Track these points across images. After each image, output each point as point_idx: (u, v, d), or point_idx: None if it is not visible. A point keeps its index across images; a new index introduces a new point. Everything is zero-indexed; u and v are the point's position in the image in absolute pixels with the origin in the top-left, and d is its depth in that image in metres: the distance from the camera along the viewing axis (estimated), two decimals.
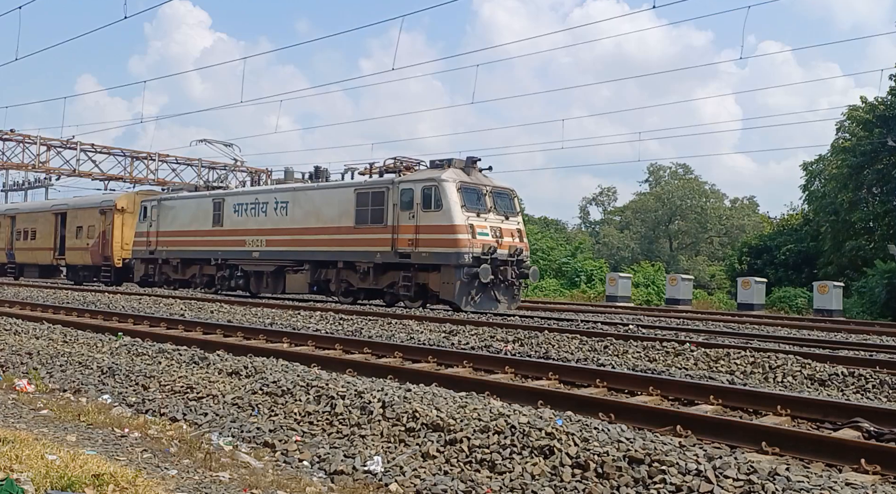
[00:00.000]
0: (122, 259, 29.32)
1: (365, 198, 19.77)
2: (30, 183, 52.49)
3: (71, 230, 32.33)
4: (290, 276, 21.87)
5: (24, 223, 36.01)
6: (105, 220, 30.24)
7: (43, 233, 34.33)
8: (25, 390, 6.77)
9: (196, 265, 25.05)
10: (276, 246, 22.01)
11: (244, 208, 23.30)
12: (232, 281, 23.57)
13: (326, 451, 4.82)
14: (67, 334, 10.98)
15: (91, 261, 30.72)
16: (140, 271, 27.25)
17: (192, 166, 41.71)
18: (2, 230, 37.47)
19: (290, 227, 21.67)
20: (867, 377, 8.16)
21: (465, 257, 17.46)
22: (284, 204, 22.02)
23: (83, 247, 31.25)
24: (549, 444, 4.58)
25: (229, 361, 8.03)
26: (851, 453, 4.97)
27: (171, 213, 26.04)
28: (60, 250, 33.26)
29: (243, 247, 22.98)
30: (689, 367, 9.08)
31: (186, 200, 25.87)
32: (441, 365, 9.04)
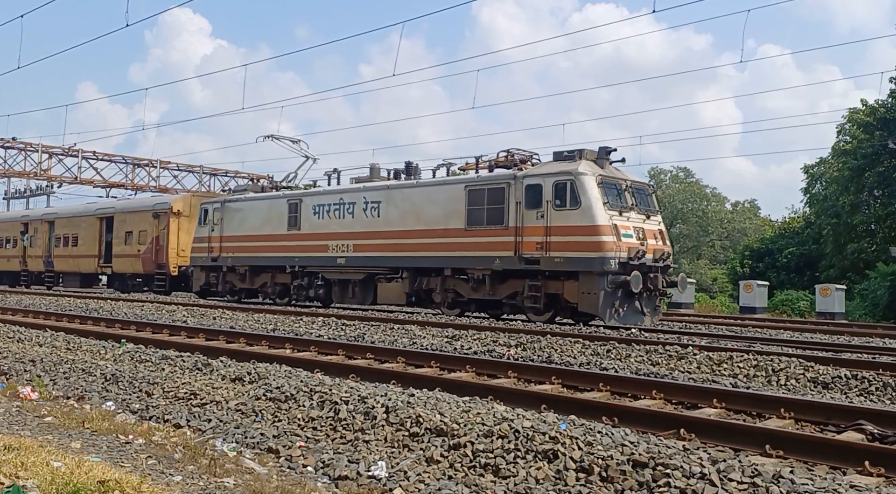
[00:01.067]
0: (178, 266, 26.94)
1: (479, 195, 17.12)
2: (31, 191, 52.63)
3: (118, 235, 29.78)
4: (382, 285, 19.24)
5: (63, 228, 33.23)
6: (158, 224, 27.84)
7: (86, 238, 31.72)
8: (29, 397, 6.78)
9: (267, 273, 22.54)
10: (366, 251, 19.49)
11: (326, 209, 20.70)
12: (311, 291, 21.13)
13: (330, 457, 4.83)
14: (70, 341, 11.00)
15: (142, 270, 28.31)
16: (200, 280, 24.70)
17: (193, 173, 41.81)
18: (38, 236, 34.80)
19: (383, 230, 19.12)
20: (870, 379, 8.15)
21: (611, 263, 14.93)
22: (376, 204, 19.40)
23: (133, 254, 28.82)
24: (553, 448, 4.58)
25: (232, 367, 8.04)
26: (855, 455, 4.97)
27: (237, 216, 23.40)
28: (106, 257, 30.70)
29: (325, 253, 20.46)
30: (692, 371, 9.07)
31: (256, 202, 23.18)
32: (444, 369, 9.04)
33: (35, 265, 34.84)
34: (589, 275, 15.19)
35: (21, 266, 35.57)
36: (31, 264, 35.05)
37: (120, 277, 30.13)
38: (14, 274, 36.39)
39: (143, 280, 28.96)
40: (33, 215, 36.34)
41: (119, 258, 29.75)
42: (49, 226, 34.17)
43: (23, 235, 35.50)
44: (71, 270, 32.98)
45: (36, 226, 34.93)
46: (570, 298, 15.62)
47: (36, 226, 34.97)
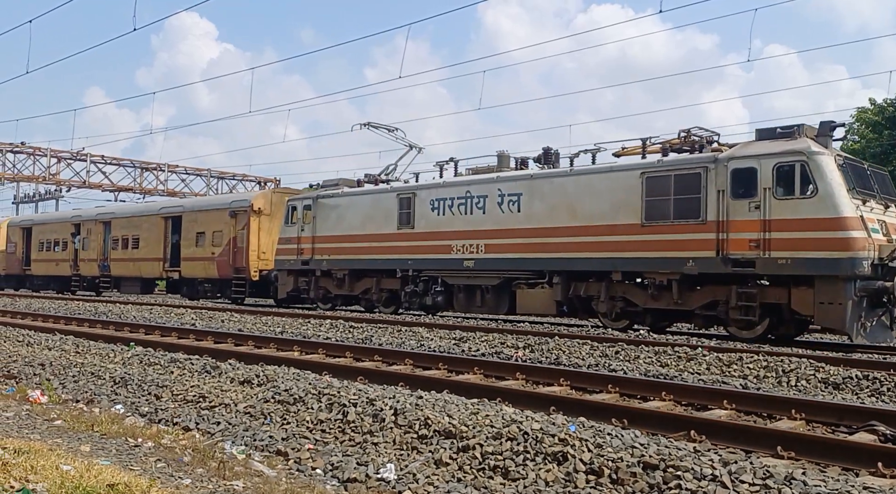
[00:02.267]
0: (259, 270, 24.09)
1: (662, 184, 14.11)
2: (40, 195, 53.00)
3: (188, 236, 26.81)
4: (523, 292, 16.35)
5: (122, 229, 30.24)
6: (236, 224, 24.94)
7: (148, 240, 28.78)
8: (39, 401, 6.80)
9: (370, 277, 19.79)
10: (502, 251, 16.65)
11: (448, 204, 17.85)
12: (426, 298, 18.38)
13: (339, 459, 4.82)
14: (80, 345, 11.03)
15: (217, 274, 25.47)
16: (287, 285, 21.92)
17: (201, 177, 41.97)
18: (92, 238, 31.81)
19: (524, 227, 16.26)
20: (882, 380, 8.09)
21: (863, 265, 11.93)
22: (515, 197, 16.52)
23: (206, 257, 25.86)
24: (563, 450, 4.56)
25: (241, 370, 8.05)
26: (868, 457, 4.93)
27: (333, 214, 20.67)
28: (172, 260, 27.91)
29: (448, 255, 17.67)
30: (701, 372, 9.03)
31: (357, 197, 20.44)
32: (452, 371, 9.02)
33: (88, 269, 31.95)
34: (830, 281, 12.12)
35: (72, 270, 32.72)
36: (84, 268, 32.17)
37: (189, 282, 27.25)
38: (63, 279, 33.79)
39: (217, 285, 26.16)
40: (86, 215, 33.23)
41: (189, 261, 26.82)
42: (105, 226, 31.36)
43: (74, 237, 32.76)
44: (131, 275, 29.93)
45: (89, 227, 32.04)
46: (800, 309, 12.62)
47: (89, 226, 32.08)
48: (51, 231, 34.75)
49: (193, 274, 26.70)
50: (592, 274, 15.34)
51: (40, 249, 34.99)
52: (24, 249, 36.35)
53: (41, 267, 34.96)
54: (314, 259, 20.96)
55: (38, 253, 35.13)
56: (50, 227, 35.05)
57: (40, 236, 35.12)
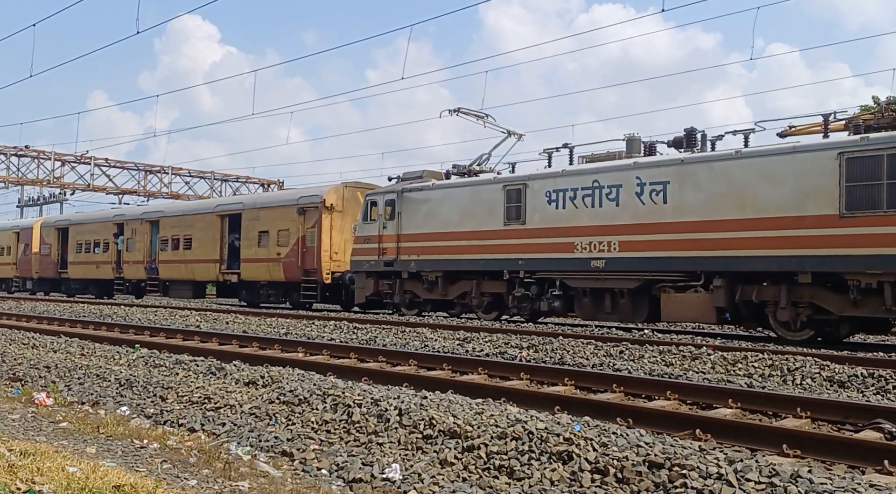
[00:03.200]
0: (331, 272, 21.88)
1: (870, 166, 11.81)
2: (44, 198, 53.17)
3: (249, 236, 24.42)
4: (670, 297, 13.98)
5: (171, 229, 27.96)
6: (305, 222, 22.62)
7: (202, 240, 26.38)
8: (44, 403, 6.82)
9: (468, 280, 17.54)
10: (643, 249, 14.32)
11: (570, 196, 15.50)
12: (540, 303, 16.04)
13: (344, 459, 4.82)
14: (85, 347, 11.06)
15: (283, 277, 23.06)
16: (366, 289, 19.67)
17: (205, 179, 42.03)
18: (138, 238, 29.53)
19: (674, 221, 13.92)
20: (887, 378, 8.06)
21: None
22: (659, 186, 14.16)
23: (271, 259, 23.45)
24: (568, 450, 4.56)
25: (246, 371, 8.06)
26: (874, 454, 4.92)
27: (423, 209, 18.45)
28: (230, 262, 25.53)
29: (570, 254, 15.35)
30: (706, 371, 9.01)
31: (452, 190, 18.07)
32: (456, 372, 9.03)
33: (133, 272, 29.69)
34: None
35: (115, 273, 30.62)
36: (129, 271, 29.93)
37: (249, 286, 24.76)
38: (105, 282, 31.85)
39: (281, 290, 23.83)
40: (130, 214, 31.13)
41: (250, 263, 24.29)
42: (151, 226, 29.09)
43: (116, 238, 30.65)
44: (182, 278, 27.45)
45: (134, 227, 29.75)
46: None
47: (134, 226, 29.79)
48: (90, 231, 32.59)
49: (256, 276, 24.18)
50: (767, 276, 13.03)
51: (78, 251, 32.96)
52: (59, 251, 34.31)
53: (79, 270, 32.93)
54: (400, 259, 18.66)
55: (76, 254, 33.10)
56: (89, 228, 32.80)
57: (78, 237, 33.08)
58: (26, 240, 36.51)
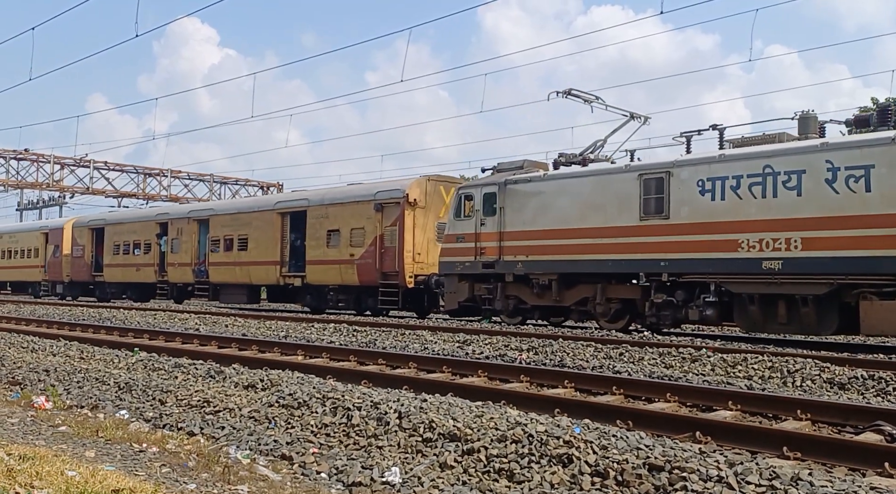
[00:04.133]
0: (414, 275, 19.60)
1: None
2: (44, 201, 53.19)
3: (316, 235, 22.11)
4: (874, 305, 11.71)
5: (224, 228, 25.50)
6: (383, 219, 20.35)
7: (260, 240, 23.97)
8: (43, 407, 6.81)
9: (590, 284, 15.28)
10: (836, 248, 12.05)
11: (730, 185, 13.31)
12: (689, 311, 13.84)
13: (344, 463, 4.82)
14: (84, 350, 11.05)
15: (358, 280, 20.73)
16: (458, 293, 17.35)
17: (204, 182, 42.04)
18: (184, 239, 27.23)
19: (883, 214, 11.63)
20: (887, 380, 8.06)
21: None
22: (860, 170, 11.87)
23: (342, 260, 21.15)
24: (568, 452, 4.55)
25: (245, 374, 8.05)
26: (875, 457, 4.91)
27: (532, 203, 16.13)
28: (293, 264, 23.34)
29: (733, 253, 13.14)
30: (706, 373, 9.01)
31: (570, 181, 15.74)
32: (456, 374, 9.02)
33: (179, 275, 27.47)
34: None
35: (158, 276, 28.57)
36: (174, 274, 27.74)
37: (316, 290, 22.47)
38: (146, 286, 29.74)
39: (353, 294, 21.41)
40: (175, 213, 28.85)
41: (317, 265, 22.01)
42: (200, 225, 26.80)
43: (159, 238, 28.56)
44: (237, 281, 24.98)
45: (180, 227, 27.49)
46: None
47: (180, 226, 27.52)
48: (129, 231, 30.11)
49: (323, 280, 21.87)
50: None
51: (115, 252, 30.52)
52: (93, 253, 32.04)
53: (116, 273, 30.64)
54: (503, 261, 16.40)
55: (113, 256, 30.63)
56: (128, 227, 30.34)
57: (115, 238, 30.66)
58: (56, 242, 34.16)
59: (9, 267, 37.84)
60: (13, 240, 37.92)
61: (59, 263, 33.84)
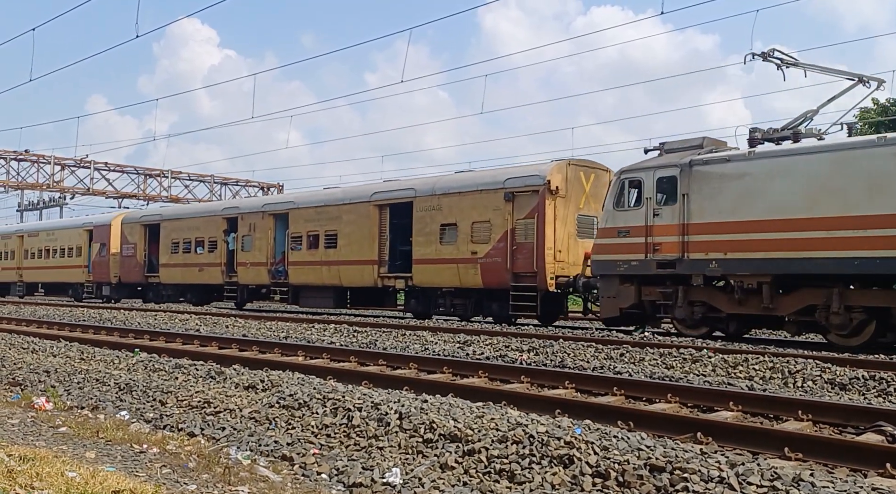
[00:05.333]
0: (556, 277, 16.67)
1: None
2: (44, 202, 53.23)
3: (426, 230, 19.11)
4: None
5: (306, 222, 22.53)
6: (515, 211, 17.33)
7: (353, 236, 20.91)
8: (44, 408, 6.80)
9: (819, 288, 12.45)
10: None
11: None
12: None
13: (345, 464, 4.81)
14: (84, 351, 11.04)
15: (482, 282, 17.76)
16: (622, 298, 14.49)
17: (204, 182, 42.04)
18: (258, 235, 24.15)
19: None
20: (888, 380, 8.05)
21: None
22: None
23: (462, 259, 18.11)
24: (569, 453, 4.54)
25: (245, 375, 8.05)
26: (876, 457, 4.90)
27: (731, 188, 13.19)
28: (395, 264, 20.49)
29: None
30: (707, 374, 9.00)
31: (787, 160, 12.79)
32: (456, 375, 9.01)
33: (252, 276, 24.33)
34: None
35: (225, 277, 25.32)
36: (245, 274, 24.55)
37: (423, 293, 19.53)
38: (210, 288, 26.76)
39: (473, 298, 18.41)
40: (247, 206, 25.63)
41: (427, 265, 19.00)
42: (276, 220, 23.83)
43: (227, 235, 25.40)
44: (323, 283, 21.96)
45: (253, 222, 24.30)
46: None
47: (253, 221, 24.33)
48: (190, 228, 27.03)
49: (434, 282, 18.91)
50: None
51: (173, 251, 27.51)
52: (146, 251, 29.19)
53: (174, 274, 27.57)
54: (688, 258, 13.56)
55: (170, 255, 27.61)
56: (188, 223, 27.29)
57: (173, 235, 27.59)
58: (103, 239, 31.04)
59: (46, 267, 34.87)
60: (51, 238, 34.75)
61: (105, 263, 30.86)
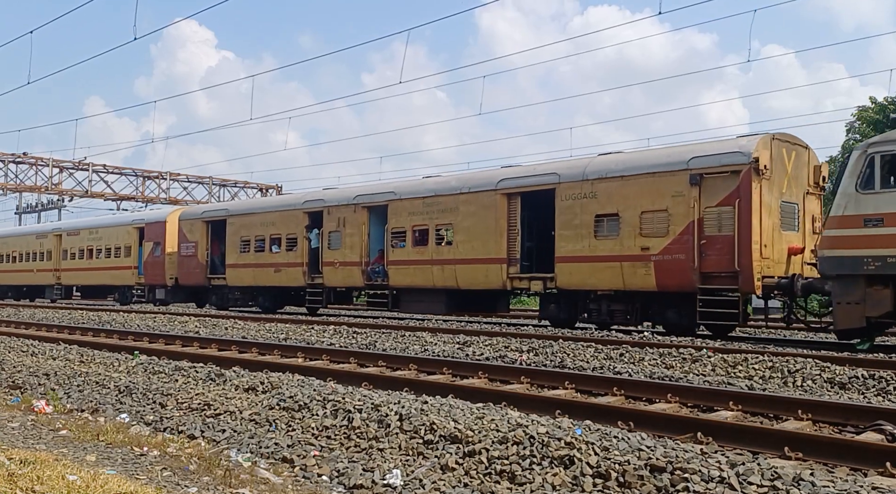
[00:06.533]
0: (763, 277, 13.61)
1: None
2: (43, 205, 53.18)
3: (573, 222, 15.98)
4: None
5: (413, 216, 19.44)
6: (702, 197, 14.24)
7: (473, 231, 17.81)
8: (44, 411, 6.80)
9: None
10: None
11: None
12: None
13: (345, 465, 4.81)
14: (84, 354, 11.04)
15: (654, 284, 14.69)
16: (872, 305, 11.45)
17: (203, 184, 42.02)
18: (348, 231, 21.12)
19: None
20: (888, 379, 8.06)
21: None
22: None
23: (625, 256, 15.04)
24: (569, 454, 4.54)
25: (245, 377, 8.04)
26: (876, 456, 4.91)
27: None
28: (532, 263, 17.73)
29: None
30: (706, 373, 9.01)
31: None
32: (456, 376, 9.01)
33: (341, 277, 21.27)
34: None
35: (307, 278, 22.09)
36: (333, 276, 21.42)
37: (567, 297, 16.47)
38: (288, 291, 23.69)
39: (639, 303, 15.29)
40: (333, 199, 22.11)
41: (575, 263, 15.95)
42: (371, 213, 20.84)
43: (309, 231, 22.39)
44: (434, 285, 18.85)
45: (342, 216, 21.33)
46: None
47: (342, 215, 21.33)
48: (263, 223, 23.84)
49: (588, 283, 15.82)
50: None
51: (242, 250, 24.30)
52: (209, 251, 25.93)
53: (243, 276, 24.27)
54: None
55: (239, 254, 24.37)
56: (261, 219, 24.02)
57: (242, 232, 24.41)
58: (156, 237, 28.12)
59: (88, 268, 31.70)
60: (94, 236, 31.60)
61: (159, 263, 27.87)
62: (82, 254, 32.19)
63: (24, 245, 36.25)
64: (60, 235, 33.83)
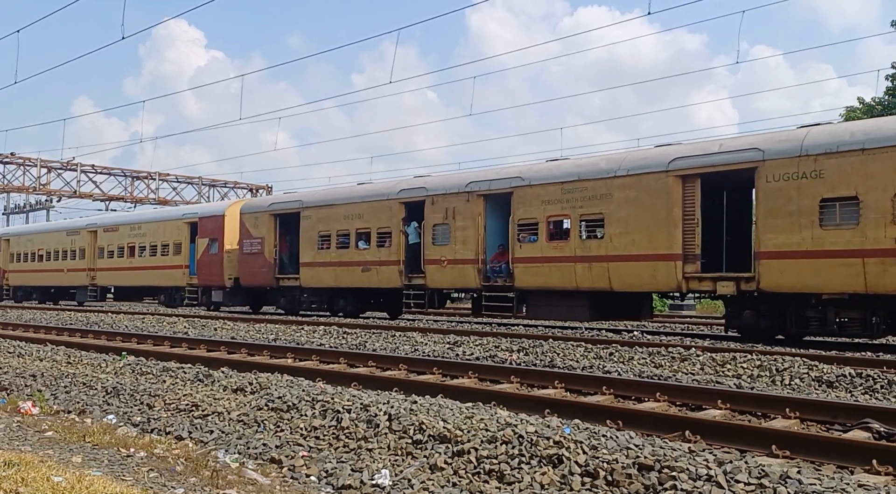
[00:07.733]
0: None
1: None
2: (31, 205, 52.80)
3: (786, 208, 12.85)
4: None
5: (547, 205, 16.38)
6: None
7: (632, 222, 14.84)
8: (30, 412, 6.75)
9: None
10: None
11: None
12: None
13: (334, 466, 4.79)
14: (71, 355, 10.96)
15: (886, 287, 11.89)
16: None
17: (192, 184, 41.86)
18: (459, 224, 18.05)
19: None
20: (875, 377, 8.11)
21: None
22: None
23: (876, 250, 11.88)
24: (558, 453, 4.55)
25: (234, 378, 8.01)
26: (862, 454, 4.94)
27: None
28: (723, 260, 15.11)
29: None
30: (695, 372, 9.04)
31: None
32: (446, 376, 9.01)
33: (449, 277, 18.20)
34: None
35: (404, 278, 19.13)
36: (437, 275, 18.30)
37: (771, 302, 13.27)
38: (379, 293, 21.04)
39: (887, 310, 12.22)
40: (437, 187, 18.88)
41: (790, 260, 12.85)
42: (487, 202, 17.73)
43: (406, 224, 19.36)
44: (575, 286, 15.77)
45: (450, 206, 18.18)
46: None
47: (450, 205, 18.19)
48: (348, 216, 20.77)
49: (810, 285, 12.60)
50: None
51: (320, 246, 21.35)
52: (277, 248, 22.93)
53: (322, 276, 21.31)
54: None
55: (317, 252, 21.41)
56: (344, 211, 20.93)
57: (320, 226, 21.42)
58: (212, 234, 25.15)
59: (129, 267, 28.71)
60: (137, 233, 28.63)
61: (217, 262, 24.81)
62: (122, 252, 29.10)
63: (54, 242, 32.81)
64: (96, 231, 30.61)
